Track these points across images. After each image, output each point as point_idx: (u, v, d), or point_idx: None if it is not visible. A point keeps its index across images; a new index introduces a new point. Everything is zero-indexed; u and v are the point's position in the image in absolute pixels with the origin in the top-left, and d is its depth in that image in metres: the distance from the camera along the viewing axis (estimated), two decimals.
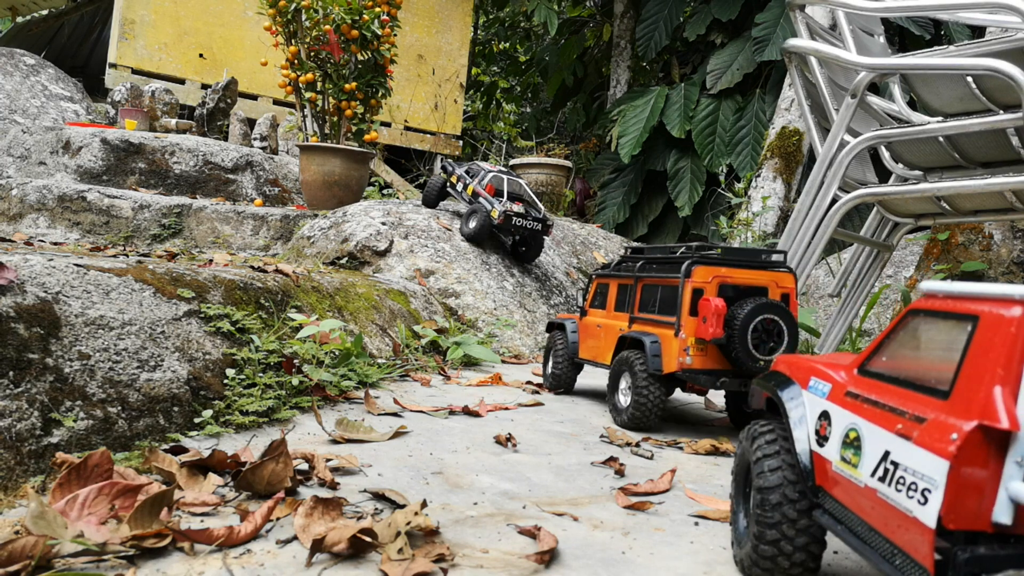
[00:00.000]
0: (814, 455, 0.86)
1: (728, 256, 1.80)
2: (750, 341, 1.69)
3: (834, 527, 0.80)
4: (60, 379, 1.27)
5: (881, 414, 0.74)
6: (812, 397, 0.90)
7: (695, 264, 1.78)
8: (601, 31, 9.39)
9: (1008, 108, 1.91)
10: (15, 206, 4.06)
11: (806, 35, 2.38)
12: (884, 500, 0.70)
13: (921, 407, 0.69)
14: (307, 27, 4.38)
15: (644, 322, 1.93)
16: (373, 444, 1.52)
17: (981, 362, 0.64)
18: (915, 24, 6.47)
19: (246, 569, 0.90)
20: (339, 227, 3.56)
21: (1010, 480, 0.61)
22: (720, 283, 1.77)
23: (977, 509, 0.62)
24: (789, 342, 1.73)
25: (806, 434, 0.88)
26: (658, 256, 1.97)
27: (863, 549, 0.74)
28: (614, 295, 2.11)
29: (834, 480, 0.81)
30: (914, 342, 0.75)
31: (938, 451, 0.63)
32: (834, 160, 2.24)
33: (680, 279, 1.78)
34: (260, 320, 1.88)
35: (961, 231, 3.32)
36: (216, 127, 5.85)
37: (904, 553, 0.67)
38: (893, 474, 0.69)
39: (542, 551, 0.99)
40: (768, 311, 1.71)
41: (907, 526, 0.66)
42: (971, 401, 0.63)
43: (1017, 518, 0.61)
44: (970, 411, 0.63)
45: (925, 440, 0.65)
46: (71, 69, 8.18)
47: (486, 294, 3.26)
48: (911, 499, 0.66)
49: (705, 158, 6.82)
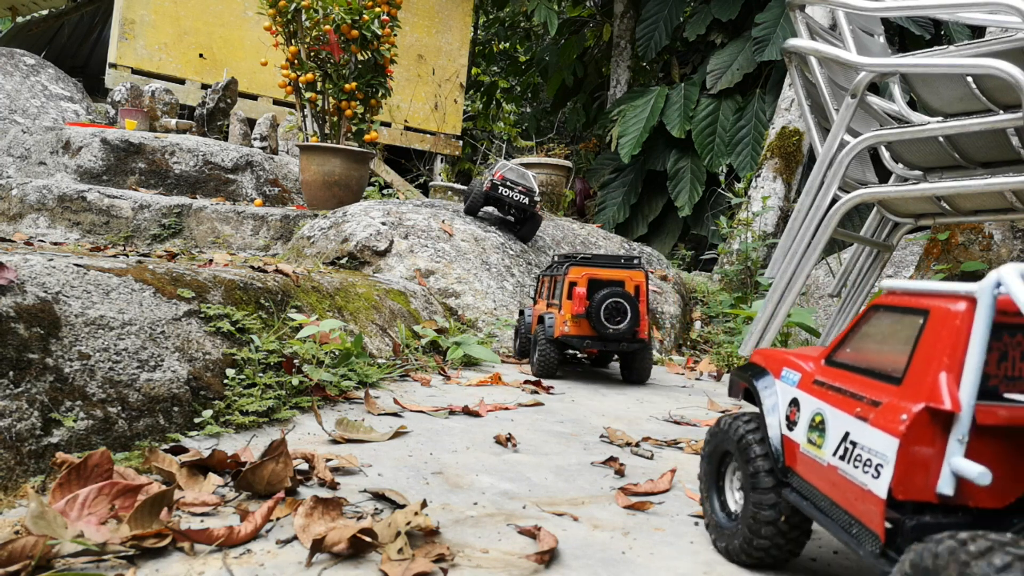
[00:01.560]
0: (784, 439, 0.94)
1: (597, 259, 2.55)
2: (602, 315, 2.45)
3: (801, 503, 0.87)
4: (60, 379, 1.27)
5: (843, 399, 0.81)
6: (784, 386, 0.97)
7: (571, 265, 2.52)
8: (601, 31, 9.39)
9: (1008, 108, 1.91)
10: (15, 206, 4.06)
11: (806, 35, 2.38)
12: (843, 476, 0.78)
13: (878, 392, 0.76)
14: (307, 27, 4.38)
15: (550, 306, 2.69)
16: (373, 444, 1.52)
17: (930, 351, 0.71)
18: (915, 24, 6.47)
19: (246, 569, 0.90)
20: (339, 227, 3.56)
21: (952, 456, 0.67)
22: (589, 278, 2.51)
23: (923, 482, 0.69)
24: (631, 318, 2.46)
25: (777, 420, 0.96)
26: (560, 261, 2.71)
27: (825, 522, 0.81)
28: (544, 288, 2.86)
29: (801, 461, 0.89)
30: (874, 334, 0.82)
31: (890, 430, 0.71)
32: (834, 160, 2.24)
33: (562, 275, 2.55)
34: (260, 320, 1.88)
35: (961, 231, 3.32)
36: (216, 127, 5.85)
37: (860, 523, 0.75)
38: (851, 452, 0.77)
39: (542, 551, 0.99)
40: (614, 296, 2.45)
41: (862, 498, 0.74)
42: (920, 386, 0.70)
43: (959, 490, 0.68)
44: (919, 395, 0.70)
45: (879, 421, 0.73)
46: (71, 69, 8.18)
47: (486, 294, 3.26)
48: (866, 474, 0.73)
49: (705, 158, 6.82)
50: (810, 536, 0.96)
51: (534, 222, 3.86)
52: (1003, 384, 0.70)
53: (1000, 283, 0.66)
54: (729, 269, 4.83)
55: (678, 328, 3.92)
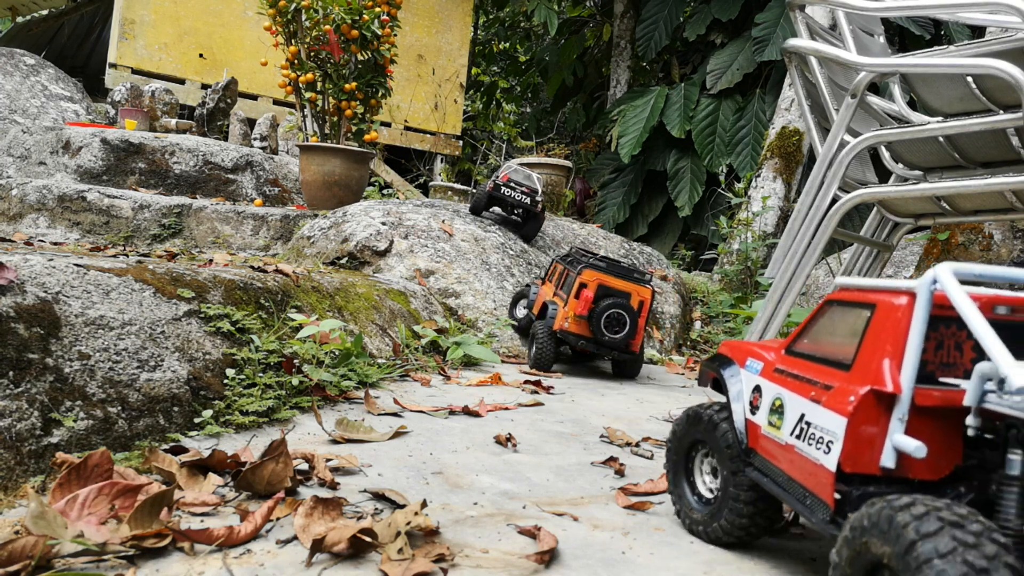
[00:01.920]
0: (748, 422, 1.02)
1: (612, 268, 2.61)
2: (602, 323, 2.55)
3: (762, 480, 0.96)
4: (60, 379, 1.27)
5: (800, 385, 0.90)
6: (748, 374, 1.05)
7: (586, 268, 2.57)
8: (601, 31, 9.39)
9: (1008, 108, 1.91)
10: (15, 206, 4.06)
11: (806, 35, 2.38)
12: (799, 453, 0.87)
13: (830, 378, 0.84)
14: (307, 27, 4.38)
15: (557, 295, 2.76)
16: (373, 444, 1.52)
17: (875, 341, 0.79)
18: (915, 24, 6.47)
19: (246, 569, 0.90)
20: (339, 227, 3.56)
21: (894, 433, 0.75)
22: (599, 283, 2.58)
23: (868, 456, 0.77)
24: (629, 331, 2.57)
25: (742, 405, 1.04)
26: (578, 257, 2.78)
27: (783, 495, 0.90)
28: (556, 275, 2.91)
29: (762, 441, 0.98)
30: (828, 326, 0.91)
31: (839, 411, 0.79)
32: (834, 160, 2.24)
33: (575, 274, 2.60)
34: (260, 320, 1.88)
35: (961, 231, 3.32)
36: (216, 127, 5.85)
37: (813, 494, 0.83)
38: (806, 432, 0.85)
39: (542, 551, 0.99)
40: (617, 308, 2.54)
41: (815, 472, 0.82)
42: (866, 371, 0.79)
43: (899, 463, 0.76)
44: (865, 379, 0.78)
45: (831, 403, 0.81)
46: (71, 69, 8.18)
47: (486, 294, 3.27)
48: (819, 450, 0.82)
49: (705, 158, 6.81)
50: (782, 514, 1.03)
51: (536, 221, 3.94)
52: (939, 369, 0.78)
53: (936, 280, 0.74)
54: (729, 269, 4.83)
55: (678, 328, 3.92)
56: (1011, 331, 0.75)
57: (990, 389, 0.69)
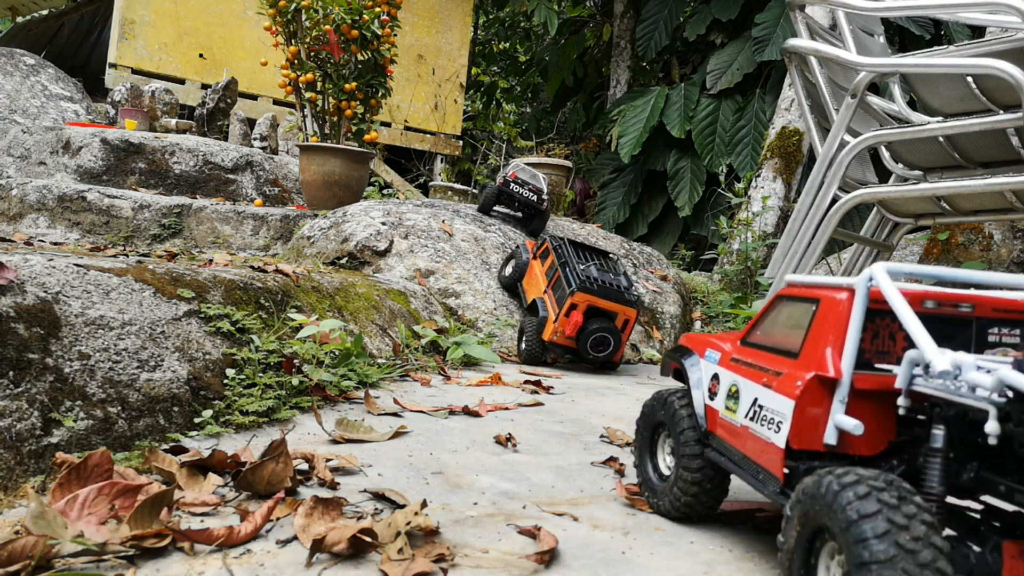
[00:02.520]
0: (707, 407, 1.10)
1: (603, 290, 2.70)
2: (588, 344, 2.71)
3: (720, 460, 1.05)
4: (60, 379, 1.27)
5: (754, 372, 0.98)
6: (707, 364, 1.13)
7: (579, 291, 2.67)
8: (601, 31, 9.39)
9: (1008, 108, 1.91)
10: (15, 206, 4.06)
11: (806, 35, 2.38)
12: (752, 433, 0.95)
13: (780, 365, 0.93)
14: (307, 27, 4.38)
15: (549, 296, 2.85)
16: (373, 444, 1.52)
17: (819, 332, 0.88)
18: (915, 24, 6.47)
19: (246, 569, 0.90)
20: (339, 227, 3.56)
21: (836, 413, 0.84)
22: (588, 304, 2.69)
23: (813, 434, 0.86)
24: (612, 350, 2.73)
25: (702, 392, 1.13)
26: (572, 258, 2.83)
27: (739, 472, 0.99)
28: (548, 263, 2.95)
29: (720, 425, 1.06)
30: (779, 319, 0.99)
31: (788, 394, 0.88)
32: (834, 160, 2.24)
33: (567, 292, 2.69)
34: (260, 320, 1.88)
35: (961, 231, 3.32)
36: (216, 127, 5.85)
37: (765, 470, 0.92)
38: (759, 414, 0.94)
39: (542, 551, 0.99)
40: (603, 331, 2.69)
41: (766, 450, 0.91)
42: (811, 359, 0.87)
43: (840, 440, 0.85)
44: (810, 366, 0.87)
45: (780, 387, 0.90)
46: (71, 69, 8.17)
47: (486, 294, 3.27)
48: (769, 430, 0.90)
49: (705, 158, 6.81)
50: (727, 493, 1.14)
51: (542, 218, 4.10)
52: (875, 357, 0.86)
53: (872, 278, 0.82)
54: (729, 269, 4.83)
55: (678, 328, 3.92)
56: (938, 322, 0.84)
57: (917, 373, 0.78)
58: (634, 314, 2.77)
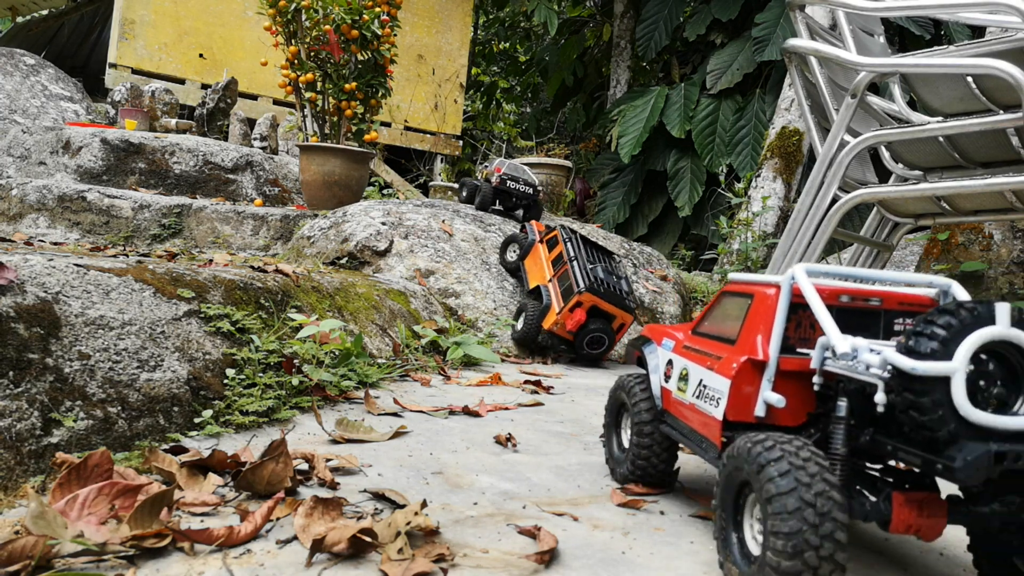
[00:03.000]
0: (663, 389, 1.26)
1: (608, 294, 2.86)
2: (584, 342, 2.91)
3: (672, 433, 1.21)
4: (60, 379, 1.27)
5: (701, 357, 1.12)
6: (663, 351, 1.28)
7: (586, 291, 2.83)
8: (601, 31, 9.39)
9: (1008, 108, 1.91)
10: (15, 206, 4.06)
11: (806, 35, 2.38)
12: (698, 409, 1.09)
13: (721, 350, 1.07)
14: (307, 27, 4.38)
15: (554, 286, 3.00)
16: (373, 444, 1.52)
17: (752, 322, 1.02)
18: (915, 24, 6.47)
19: (246, 569, 0.90)
20: (339, 227, 3.56)
21: (764, 390, 0.98)
22: (592, 305, 2.86)
23: (746, 408, 1.00)
24: (606, 348, 2.93)
25: (658, 376, 1.28)
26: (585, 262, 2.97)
27: (687, 442, 1.14)
28: (556, 253, 3.09)
29: (673, 403, 1.21)
30: (722, 311, 1.13)
31: (726, 374, 1.01)
32: (834, 160, 2.24)
33: (575, 289, 2.86)
34: (260, 320, 1.88)
35: (961, 231, 3.32)
36: (216, 127, 5.85)
37: (707, 439, 1.07)
38: (703, 392, 1.08)
39: (542, 551, 0.99)
40: (600, 332, 2.88)
41: (708, 422, 1.05)
42: (746, 345, 1.02)
43: (768, 413, 0.99)
44: (744, 351, 1.01)
45: (720, 369, 1.04)
46: (71, 69, 8.17)
47: (486, 294, 3.27)
48: (710, 405, 1.05)
49: (705, 158, 6.81)
50: (676, 460, 1.31)
51: (538, 209, 4.24)
52: (797, 343, 1.00)
53: (793, 277, 0.98)
54: (729, 269, 4.83)
55: None
56: (854, 314, 0.98)
57: (827, 356, 0.93)
58: (631, 319, 2.95)
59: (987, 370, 0.82)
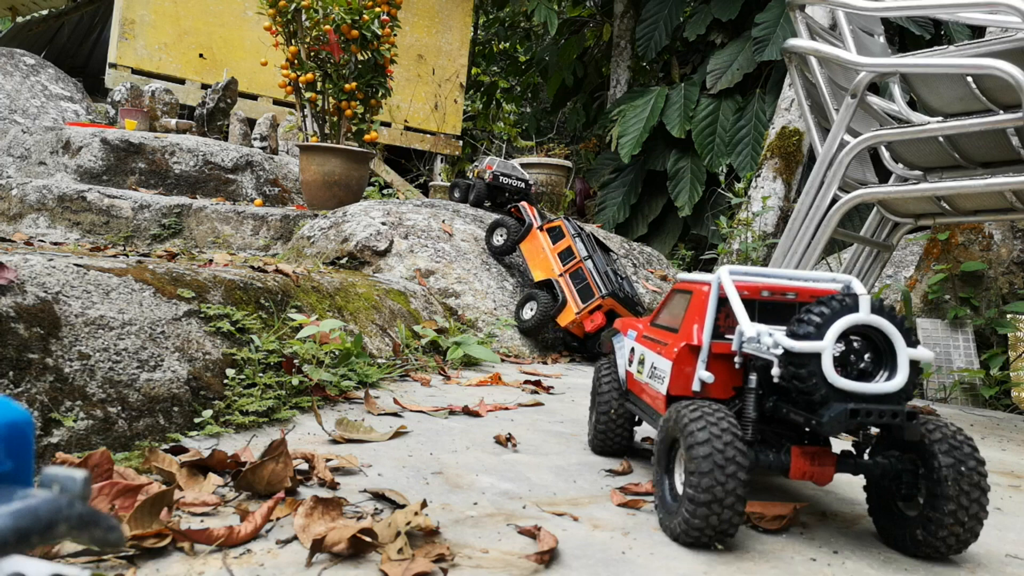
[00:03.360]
0: (627, 372, 1.47)
1: (625, 299, 3.04)
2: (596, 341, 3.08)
3: (633, 409, 1.43)
4: (60, 379, 1.27)
5: (654, 344, 1.31)
6: (628, 340, 1.50)
7: (608, 296, 2.99)
8: (601, 31, 9.39)
9: (1008, 108, 1.91)
10: (15, 206, 4.06)
11: (806, 35, 2.38)
12: (650, 387, 1.30)
13: (668, 338, 1.26)
14: (307, 27, 4.38)
15: (567, 281, 3.11)
16: (373, 444, 1.52)
17: (691, 314, 1.22)
18: (915, 24, 6.47)
19: (246, 569, 0.90)
20: (339, 227, 3.56)
21: (699, 370, 1.17)
22: (609, 308, 3.01)
23: (685, 384, 1.19)
24: None
25: (624, 361, 1.50)
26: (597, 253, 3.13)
27: (643, 415, 1.37)
28: (563, 245, 3.18)
29: (633, 384, 1.43)
30: (671, 305, 1.33)
31: (669, 357, 1.21)
32: (834, 160, 2.24)
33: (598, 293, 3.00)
34: (260, 320, 1.88)
35: (961, 231, 3.32)
36: (216, 127, 5.85)
37: (656, 411, 1.29)
38: (654, 373, 1.28)
39: (542, 551, 0.99)
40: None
41: (656, 397, 1.26)
42: (685, 333, 1.21)
43: (703, 388, 1.17)
44: (684, 337, 1.20)
45: (665, 353, 1.24)
46: (71, 69, 8.17)
47: (486, 294, 3.27)
48: (658, 383, 1.24)
49: (705, 158, 6.81)
50: (633, 435, 1.55)
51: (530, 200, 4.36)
52: (726, 330, 1.17)
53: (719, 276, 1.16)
54: None
55: None
56: (774, 307, 1.17)
57: (742, 339, 1.11)
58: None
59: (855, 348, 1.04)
